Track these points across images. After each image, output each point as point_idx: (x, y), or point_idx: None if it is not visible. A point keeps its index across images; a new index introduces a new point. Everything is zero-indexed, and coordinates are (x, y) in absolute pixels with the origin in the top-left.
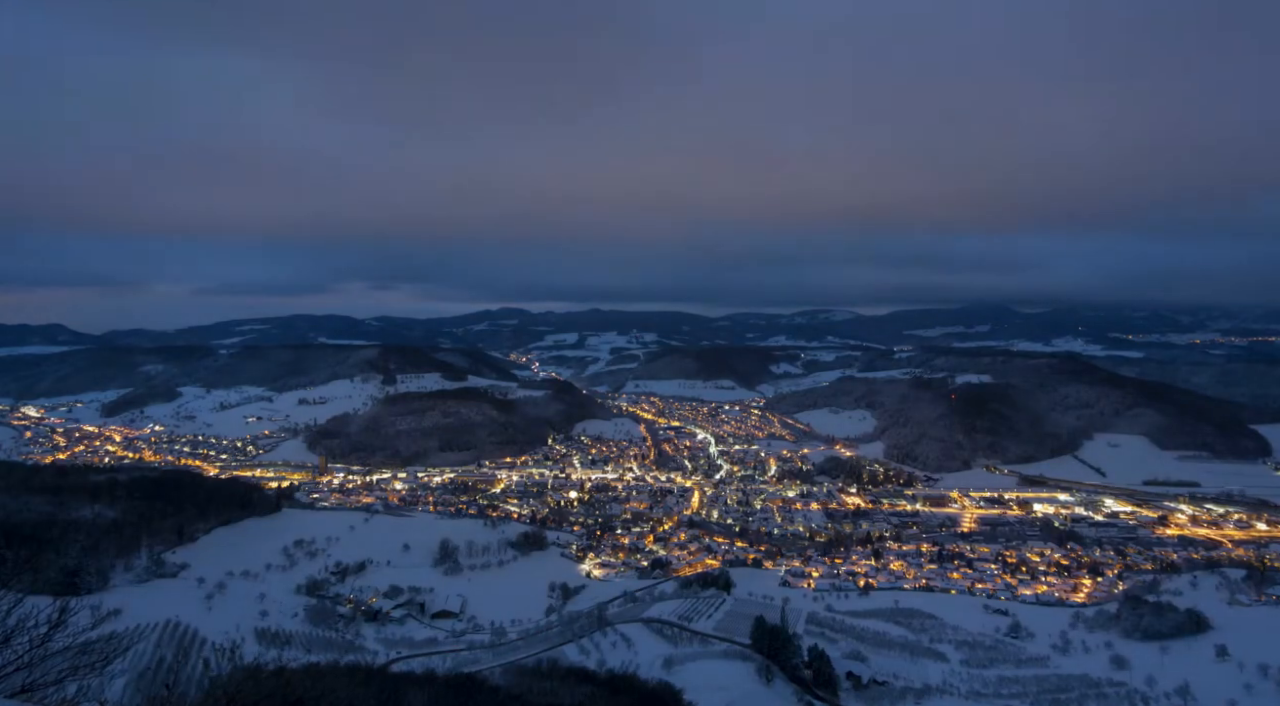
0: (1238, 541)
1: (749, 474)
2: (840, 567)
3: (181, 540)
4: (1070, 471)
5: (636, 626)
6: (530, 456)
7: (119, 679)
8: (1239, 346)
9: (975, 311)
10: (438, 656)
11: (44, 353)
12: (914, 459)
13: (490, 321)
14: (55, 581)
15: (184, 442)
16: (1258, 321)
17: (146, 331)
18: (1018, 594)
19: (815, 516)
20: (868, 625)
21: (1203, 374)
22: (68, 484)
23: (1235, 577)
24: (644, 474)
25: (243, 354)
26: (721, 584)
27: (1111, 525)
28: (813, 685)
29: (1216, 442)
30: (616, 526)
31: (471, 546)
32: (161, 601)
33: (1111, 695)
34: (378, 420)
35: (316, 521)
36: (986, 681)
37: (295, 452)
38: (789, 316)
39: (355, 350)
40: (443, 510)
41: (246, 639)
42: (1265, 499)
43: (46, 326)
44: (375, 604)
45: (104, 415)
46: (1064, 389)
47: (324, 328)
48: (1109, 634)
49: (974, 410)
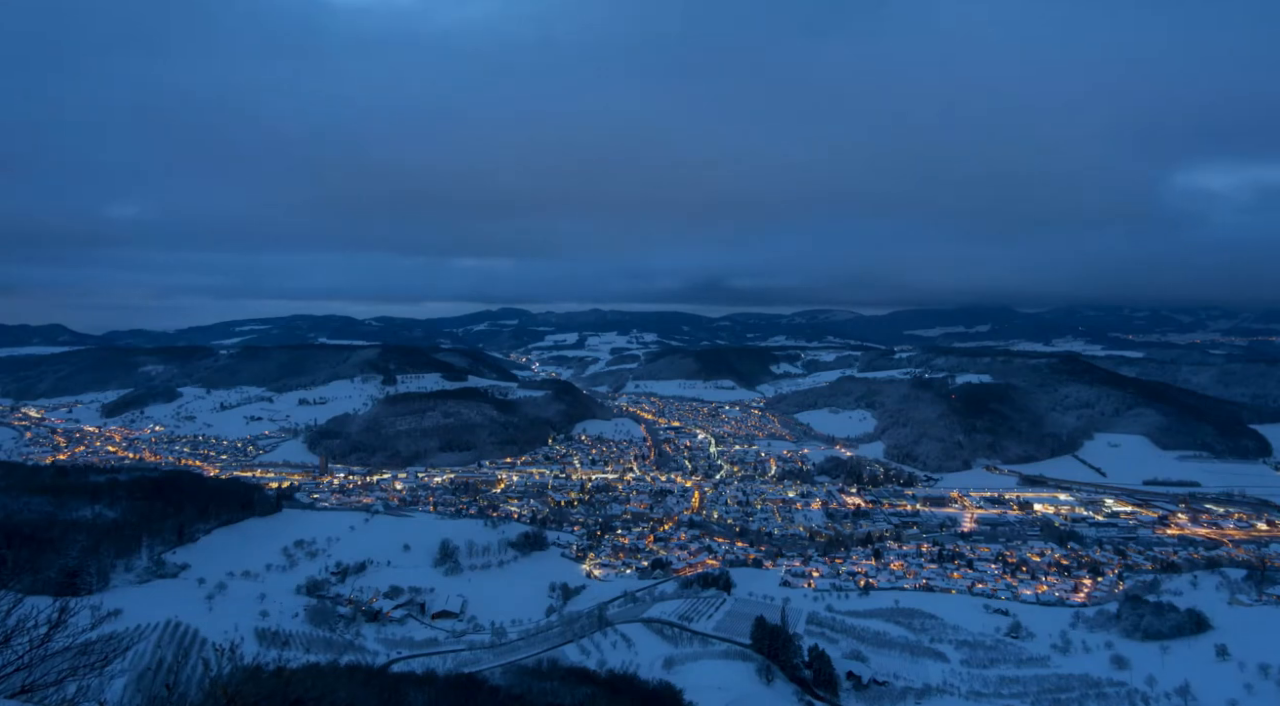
0: (1238, 541)
1: (749, 474)
2: (840, 567)
3: (182, 540)
4: (1070, 471)
5: (637, 626)
6: (530, 456)
7: (119, 679)
8: (1239, 346)
9: (975, 311)
10: (438, 656)
11: (44, 353)
12: (914, 459)
13: (490, 321)
14: (55, 581)
15: (184, 443)
16: (1258, 321)
17: (146, 331)
18: (1018, 594)
19: (815, 516)
20: (868, 625)
21: (1203, 374)
22: (68, 484)
23: (1236, 577)
24: (644, 474)
25: (243, 354)
26: (722, 584)
27: (1112, 525)
28: (813, 685)
29: (1216, 442)
30: (617, 526)
31: (472, 546)
32: (161, 601)
33: (1112, 695)
34: (378, 420)
35: (317, 521)
36: (987, 681)
37: (295, 453)
38: (789, 316)
39: (355, 350)
40: (443, 510)
41: (247, 639)
42: (1265, 499)
43: (46, 326)
44: (375, 604)
45: (104, 415)
46: (1064, 389)
47: (324, 328)
48: (1109, 634)
49: (974, 410)
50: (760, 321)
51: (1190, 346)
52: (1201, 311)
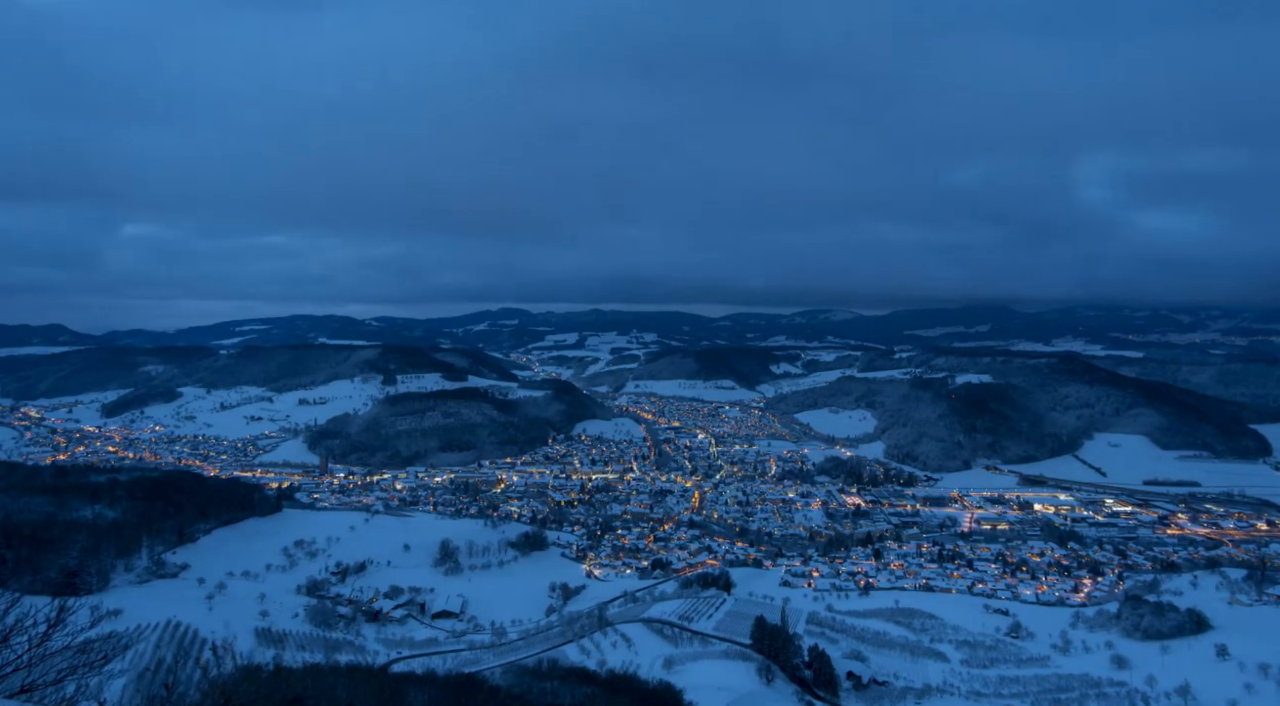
0: (1238, 541)
1: (749, 474)
2: (840, 567)
3: (182, 540)
4: (1070, 471)
5: (637, 626)
6: (530, 456)
7: (119, 679)
8: (1239, 346)
9: (975, 311)
10: (438, 656)
11: (44, 353)
12: (914, 459)
13: (490, 321)
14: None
15: (184, 443)
16: (1258, 321)
17: (146, 332)
18: (1018, 594)
19: (815, 516)
20: (868, 625)
21: (1203, 374)
22: (68, 484)
23: (1236, 577)
24: (644, 474)
25: (243, 354)
26: (722, 584)
27: (1112, 525)
28: (813, 685)
29: (1216, 442)
30: (617, 526)
31: (472, 546)
32: (162, 601)
33: (1112, 695)
34: (378, 420)
35: (317, 521)
36: (987, 681)
37: (295, 453)
38: (789, 316)
39: (355, 350)
40: (443, 510)
41: (247, 639)
42: (1265, 499)
43: (46, 326)
44: (376, 604)
45: (104, 415)
46: (1064, 389)
47: (324, 328)
48: (1109, 633)
49: (974, 410)
50: (760, 321)
51: (1190, 346)
52: (1201, 311)
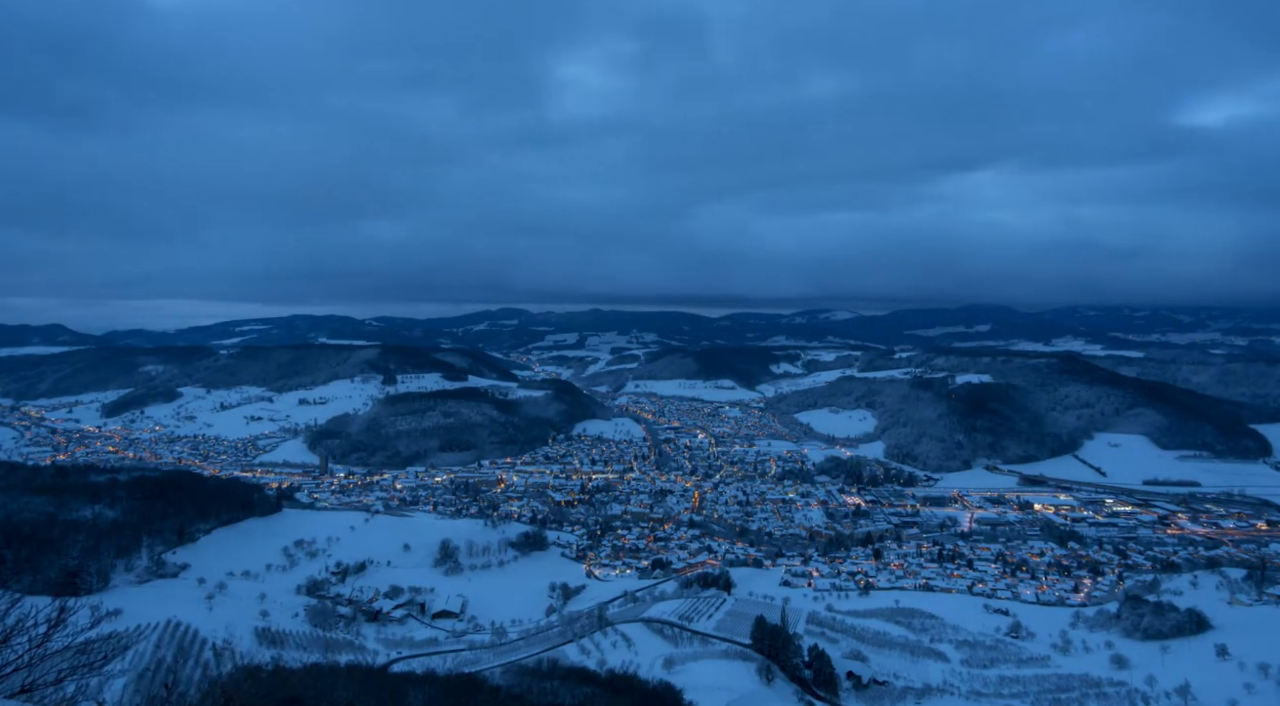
0: (1238, 541)
1: (749, 474)
2: (840, 567)
3: (182, 540)
4: (1070, 471)
5: (637, 626)
6: (531, 456)
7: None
8: (1239, 346)
9: (975, 311)
10: (438, 656)
11: (44, 353)
12: (914, 459)
13: (490, 321)
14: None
15: (184, 443)
16: (1258, 321)
17: (147, 332)
18: (1018, 594)
19: (815, 516)
20: (868, 625)
21: (1203, 374)
22: (68, 484)
23: (1236, 577)
24: (644, 474)
25: (243, 354)
26: (722, 584)
27: (1112, 525)
28: (813, 685)
29: (1216, 442)
30: (617, 526)
31: (472, 546)
32: (162, 601)
33: (1112, 695)
34: (378, 420)
35: (317, 521)
36: (987, 681)
37: (295, 453)
38: (789, 316)
39: (355, 350)
40: (443, 510)
41: (247, 639)
42: (1265, 499)
43: (46, 326)
44: (376, 604)
45: (104, 415)
46: (1064, 389)
47: (324, 328)
48: (1109, 633)
49: (974, 410)
50: (760, 321)
51: (1190, 346)
52: (1201, 311)
